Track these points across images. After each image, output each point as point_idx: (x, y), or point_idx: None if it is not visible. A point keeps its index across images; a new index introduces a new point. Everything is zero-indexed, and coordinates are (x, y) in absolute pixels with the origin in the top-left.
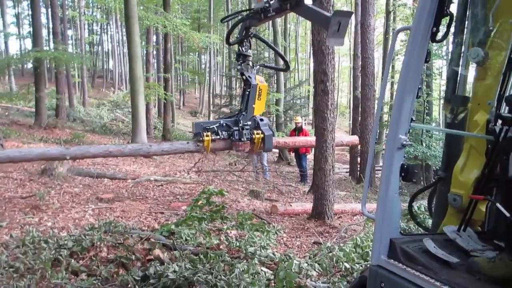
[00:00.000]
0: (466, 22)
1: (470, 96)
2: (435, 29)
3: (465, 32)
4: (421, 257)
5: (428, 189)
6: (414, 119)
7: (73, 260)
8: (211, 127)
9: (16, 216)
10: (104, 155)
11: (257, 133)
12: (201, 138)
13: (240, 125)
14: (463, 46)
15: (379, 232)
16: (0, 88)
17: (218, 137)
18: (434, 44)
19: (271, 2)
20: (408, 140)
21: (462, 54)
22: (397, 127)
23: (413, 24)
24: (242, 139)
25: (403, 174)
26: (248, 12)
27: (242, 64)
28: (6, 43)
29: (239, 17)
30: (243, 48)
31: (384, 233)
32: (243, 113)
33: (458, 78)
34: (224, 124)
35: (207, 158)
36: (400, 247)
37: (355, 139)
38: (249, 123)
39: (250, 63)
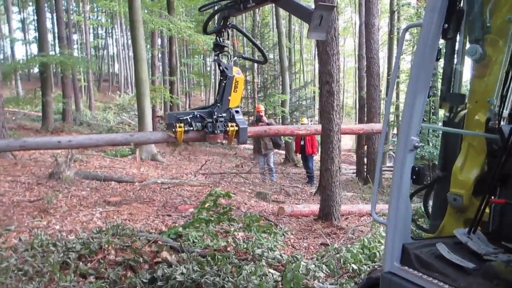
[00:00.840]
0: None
1: (466, 94)
2: (446, 25)
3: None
4: (435, 263)
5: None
6: (425, 119)
7: (81, 263)
8: (184, 118)
9: (24, 219)
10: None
11: (231, 126)
12: (174, 129)
13: (215, 116)
14: (457, 43)
15: (391, 238)
16: (7, 93)
17: (192, 128)
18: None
19: None
20: (419, 141)
21: (457, 51)
22: (408, 128)
23: (423, 21)
24: (216, 131)
25: (414, 176)
26: (227, 1)
27: (219, 55)
28: (12, 48)
29: (218, 6)
30: (220, 39)
31: (396, 238)
32: (218, 104)
33: (453, 76)
34: (198, 115)
35: (214, 161)
36: (414, 253)
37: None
38: (224, 115)
39: (228, 54)
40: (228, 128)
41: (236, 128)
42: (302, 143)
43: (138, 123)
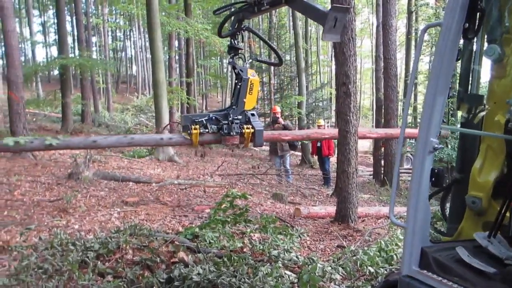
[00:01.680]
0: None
1: (485, 95)
2: (467, 25)
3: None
4: (455, 267)
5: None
6: (445, 121)
7: (99, 262)
8: (199, 120)
9: (44, 219)
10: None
11: (247, 128)
12: (189, 131)
13: (230, 119)
14: (475, 43)
15: (410, 241)
16: (28, 94)
17: (207, 130)
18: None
19: None
20: (439, 143)
21: (475, 51)
22: (428, 130)
23: (444, 20)
24: (231, 133)
25: (433, 179)
26: (241, 4)
27: (234, 57)
28: (33, 51)
29: (232, 9)
30: (235, 41)
31: (415, 241)
32: (234, 107)
33: (471, 76)
34: (214, 117)
35: (230, 162)
36: (433, 257)
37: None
38: (240, 117)
39: (242, 56)
40: (244, 131)
41: (252, 130)
42: (318, 144)
43: (155, 124)
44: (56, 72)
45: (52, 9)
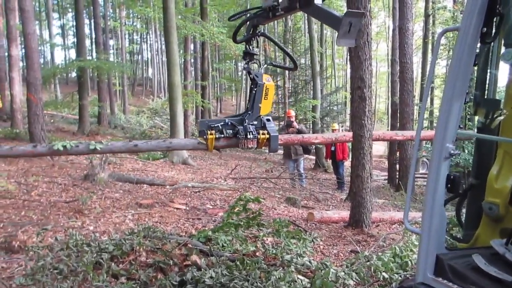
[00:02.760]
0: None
1: (501, 99)
2: (485, 29)
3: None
4: (471, 275)
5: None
6: (461, 126)
7: (113, 264)
8: (215, 125)
9: (60, 219)
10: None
11: (263, 133)
12: (205, 136)
13: (245, 124)
14: (492, 47)
15: (424, 248)
16: (46, 96)
17: (223, 135)
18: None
19: (280, 1)
20: (455, 149)
21: (491, 55)
22: (444, 136)
23: (461, 24)
24: (248, 137)
25: (449, 185)
26: (256, 10)
27: (249, 63)
28: (52, 53)
29: (247, 15)
30: (250, 47)
31: (430, 248)
32: (249, 112)
33: (488, 81)
34: (229, 122)
35: (243, 165)
36: (448, 264)
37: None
38: (255, 122)
39: (258, 61)
40: (259, 136)
41: (267, 136)
42: (332, 148)
43: (170, 126)
44: (74, 74)
45: (71, 12)
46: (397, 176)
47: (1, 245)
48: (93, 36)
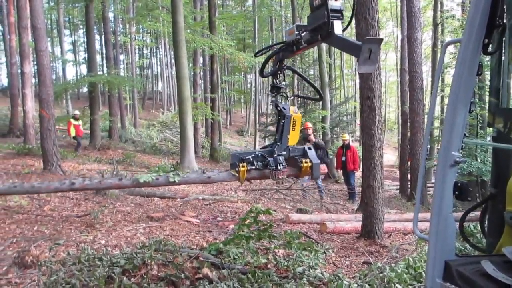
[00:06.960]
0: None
1: None
2: (486, 40)
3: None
4: (479, 281)
5: (479, 207)
6: (467, 134)
7: (125, 278)
8: (246, 157)
9: (72, 234)
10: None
11: (305, 162)
12: (237, 169)
13: (275, 155)
14: (503, 56)
15: (433, 254)
16: (58, 111)
17: (254, 167)
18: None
19: (303, 35)
20: (461, 156)
21: (503, 64)
22: (449, 143)
23: (463, 36)
24: (279, 168)
25: (457, 192)
26: (281, 45)
27: (277, 96)
28: (64, 69)
29: (272, 50)
30: (277, 81)
31: (438, 254)
32: (278, 143)
33: (501, 90)
34: (260, 154)
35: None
36: (456, 270)
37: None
38: (284, 153)
39: (284, 94)
40: (302, 165)
41: (310, 164)
42: (343, 159)
43: (181, 139)
44: (85, 89)
45: (82, 29)
46: (409, 186)
47: (15, 260)
48: (104, 51)
